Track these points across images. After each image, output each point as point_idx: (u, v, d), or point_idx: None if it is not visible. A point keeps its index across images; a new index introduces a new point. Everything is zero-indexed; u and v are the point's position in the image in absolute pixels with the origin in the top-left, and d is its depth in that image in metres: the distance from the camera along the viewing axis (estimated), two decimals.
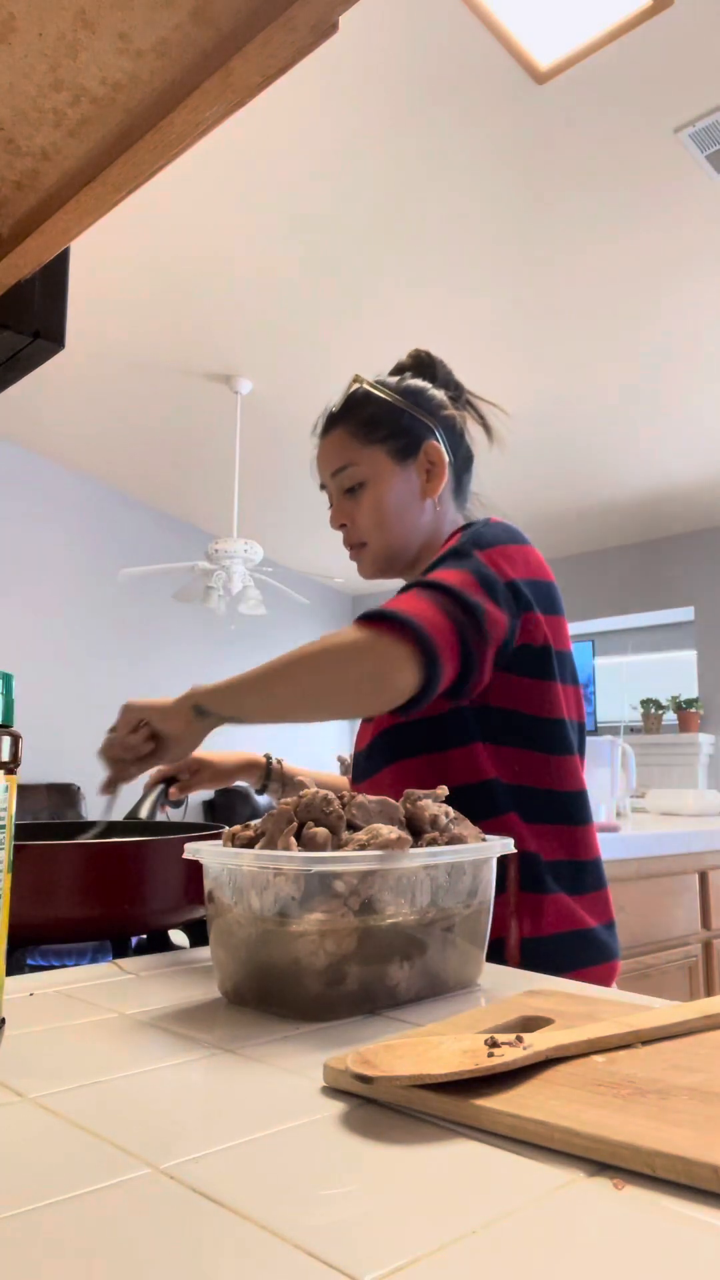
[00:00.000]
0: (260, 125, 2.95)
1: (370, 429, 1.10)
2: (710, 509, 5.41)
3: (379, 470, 1.09)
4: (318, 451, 1.15)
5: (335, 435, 1.12)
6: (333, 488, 1.13)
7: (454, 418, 1.14)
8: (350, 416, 1.11)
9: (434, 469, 1.11)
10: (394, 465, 1.10)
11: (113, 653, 5.95)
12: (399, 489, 1.10)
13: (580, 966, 0.97)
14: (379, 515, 1.09)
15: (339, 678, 0.89)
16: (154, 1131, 0.42)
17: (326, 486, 1.15)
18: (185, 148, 0.58)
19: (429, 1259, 0.30)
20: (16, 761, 0.51)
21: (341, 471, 1.11)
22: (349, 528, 1.13)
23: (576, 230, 3.31)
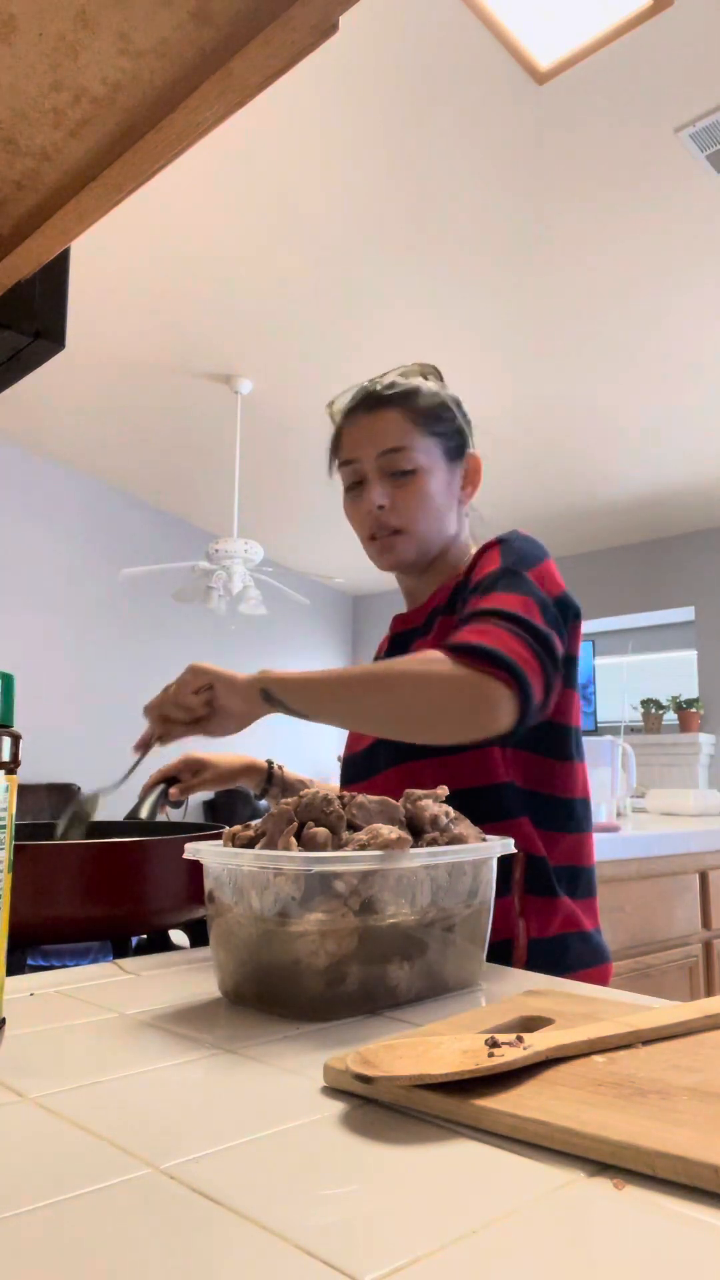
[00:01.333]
0: (260, 125, 2.95)
1: (430, 420, 1.08)
2: (710, 509, 5.41)
3: (432, 461, 1.08)
4: (354, 428, 1.10)
5: (389, 416, 1.08)
6: (373, 466, 1.08)
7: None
8: (408, 402, 1.08)
9: (471, 477, 1.12)
10: (445, 461, 1.09)
11: (113, 653, 5.95)
12: (446, 486, 1.09)
13: (583, 967, 0.99)
14: (426, 506, 1.08)
15: (439, 706, 0.89)
16: (154, 1131, 0.42)
17: (355, 463, 1.10)
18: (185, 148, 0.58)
19: (429, 1259, 0.30)
20: (16, 761, 0.51)
21: (395, 452, 1.07)
22: (388, 511, 1.08)
23: (577, 230, 3.31)
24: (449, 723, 0.90)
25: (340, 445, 1.13)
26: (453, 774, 0.97)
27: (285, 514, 5.96)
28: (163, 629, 6.16)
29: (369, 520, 1.09)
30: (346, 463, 1.11)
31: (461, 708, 0.88)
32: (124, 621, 6.02)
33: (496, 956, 0.94)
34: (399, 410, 1.08)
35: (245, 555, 4.46)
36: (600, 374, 4.13)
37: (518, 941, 0.97)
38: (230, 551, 4.45)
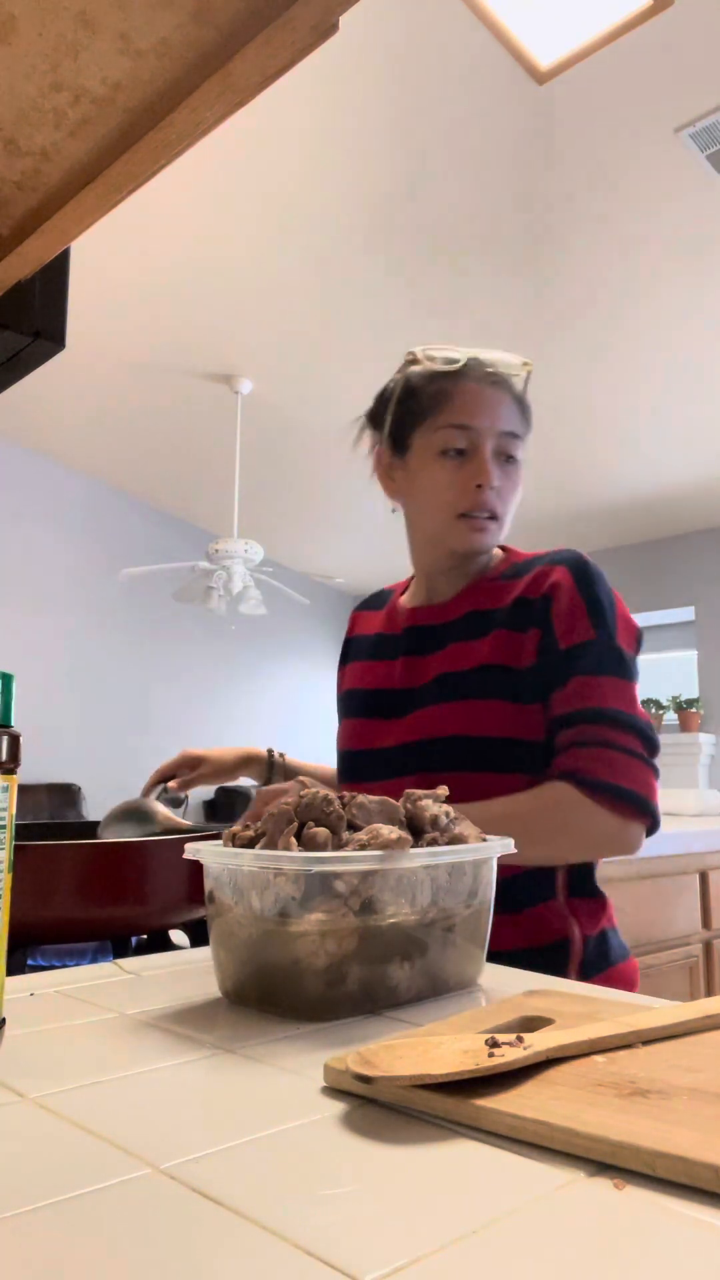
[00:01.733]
0: (260, 125, 2.94)
1: (526, 418, 1.08)
2: (710, 509, 5.41)
3: (524, 457, 1.09)
4: (475, 392, 1.05)
5: (506, 398, 1.06)
6: (490, 444, 1.04)
7: None
8: (515, 392, 1.07)
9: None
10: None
11: (113, 653, 5.95)
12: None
13: (623, 960, 1.03)
14: (516, 498, 1.08)
15: (588, 849, 0.98)
16: (154, 1131, 0.42)
17: (470, 430, 1.04)
18: (186, 148, 0.58)
19: (429, 1259, 0.30)
20: (16, 761, 0.51)
21: (512, 437, 1.06)
22: (497, 492, 1.05)
23: (577, 229, 3.31)
24: (592, 856, 1.00)
25: (451, 405, 1.04)
26: (503, 789, 0.97)
27: (285, 514, 5.96)
28: (163, 629, 6.16)
29: (469, 495, 1.04)
30: (460, 426, 1.04)
31: (607, 849, 0.97)
32: (124, 621, 6.02)
33: (550, 958, 0.96)
34: (512, 398, 1.07)
35: (245, 555, 4.46)
36: (600, 374, 4.13)
37: (574, 942, 0.99)
38: (230, 551, 4.45)
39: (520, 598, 1.04)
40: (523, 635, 1.01)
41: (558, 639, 0.99)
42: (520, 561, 1.10)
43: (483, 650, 1.03)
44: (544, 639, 1.00)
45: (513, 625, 1.02)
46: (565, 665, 0.98)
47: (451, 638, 1.07)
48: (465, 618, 1.07)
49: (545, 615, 1.01)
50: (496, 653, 1.01)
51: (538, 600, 1.02)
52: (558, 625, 1.00)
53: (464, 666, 1.03)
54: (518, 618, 1.02)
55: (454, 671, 1.03)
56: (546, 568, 1.04)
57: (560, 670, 0.98)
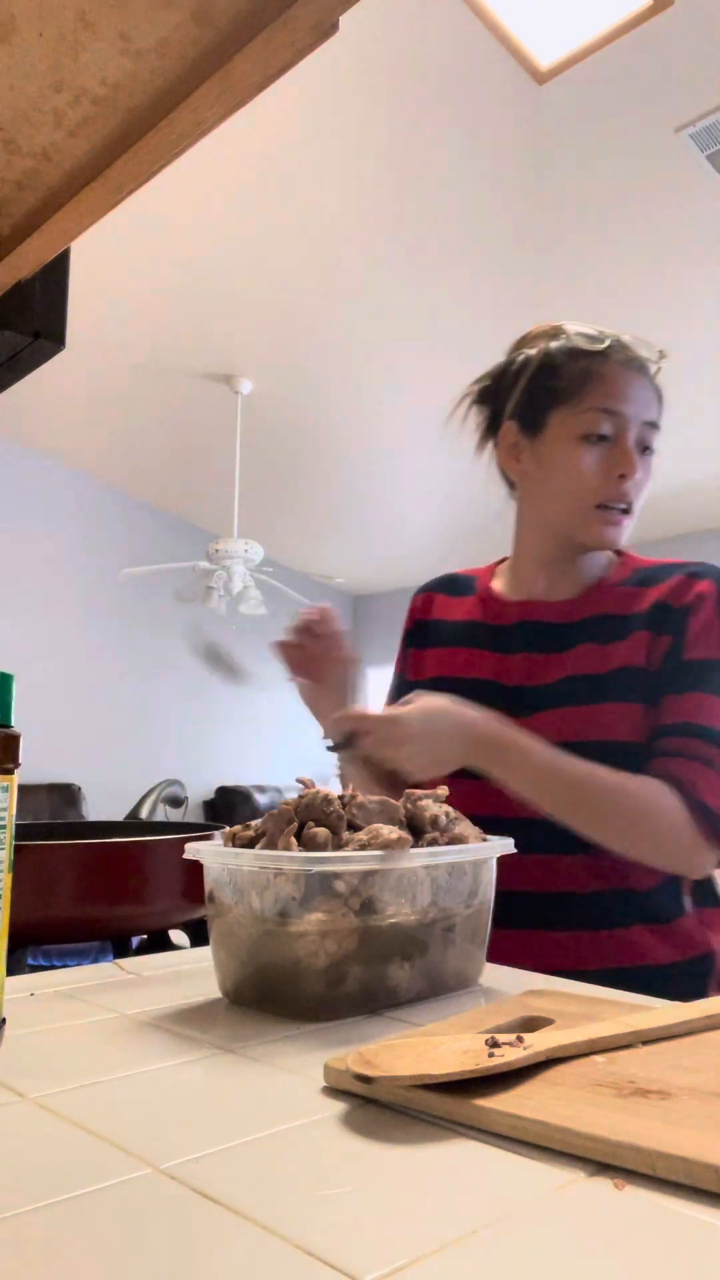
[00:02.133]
0: (261, 125, 2.94)
1: (661, 406, 1.02)
2: (710, 509, 5.41)
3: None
4: (626, 379, 0.99)
5: (651, 388, 1.01)
6: (633, 433, 0.99)
7: None
8: (656, 381, 1.02)
9: None
10: None
11: (113, 653, 5.95)
12: None
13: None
14: (646, 494, 1.03)
15: (657, 853, 0.92)
16: (154, 1131, 0.42)
17: (618, 416, 0.98)
18: (186, 148, 0.58)
19: (429, 1259, 0.30)
20: (16, 761, 0.51)
21: (653, 428, 1.01)
22: (635, 485, 1.00)
23: (577, 230, 3.31)
24: (660, 859, 0.92)
25: (598, 388, 0.98)
26: None
27: (285, 514, 5.96)
28: (163, 629, 6.16)
29: (610, 485, 0.99)
30: (607, 411, 0.98)
31: (680, 863, 0.92)
32: (124, 621, 6.02)
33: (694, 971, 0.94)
34: (652, 386, 1.01)
35: (245, 555, 4.46)
36: None
37: (717, 955, 0.96)
38: (230, 552, 4.45)
39: (660, 603, 1.00)
40: (661, 639, 0.98)
41: (685, 648, 0.97)
42: (647, 568, 1.06)
43: (620, 654, 1.00)
44: (673, 645, 0.97)
45: (652, 628, 1.00)
46: (685, 676, 0.96)
47: (580, 639, 1.03)
48: (596, 620, 1.03)
49: (682, 623, 0.98)
50: (634, 654, 0.99)
51: (679, 608, 0.99)
52: (690, 635, 0.97)
53: (599, 670, 0.99)
54: (656, 621, 1.00)
55: (588, 675, 1.00)
56: (689, 579, 1.01)
57: (679, 678, 0.96)
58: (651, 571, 1.05)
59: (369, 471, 5.35)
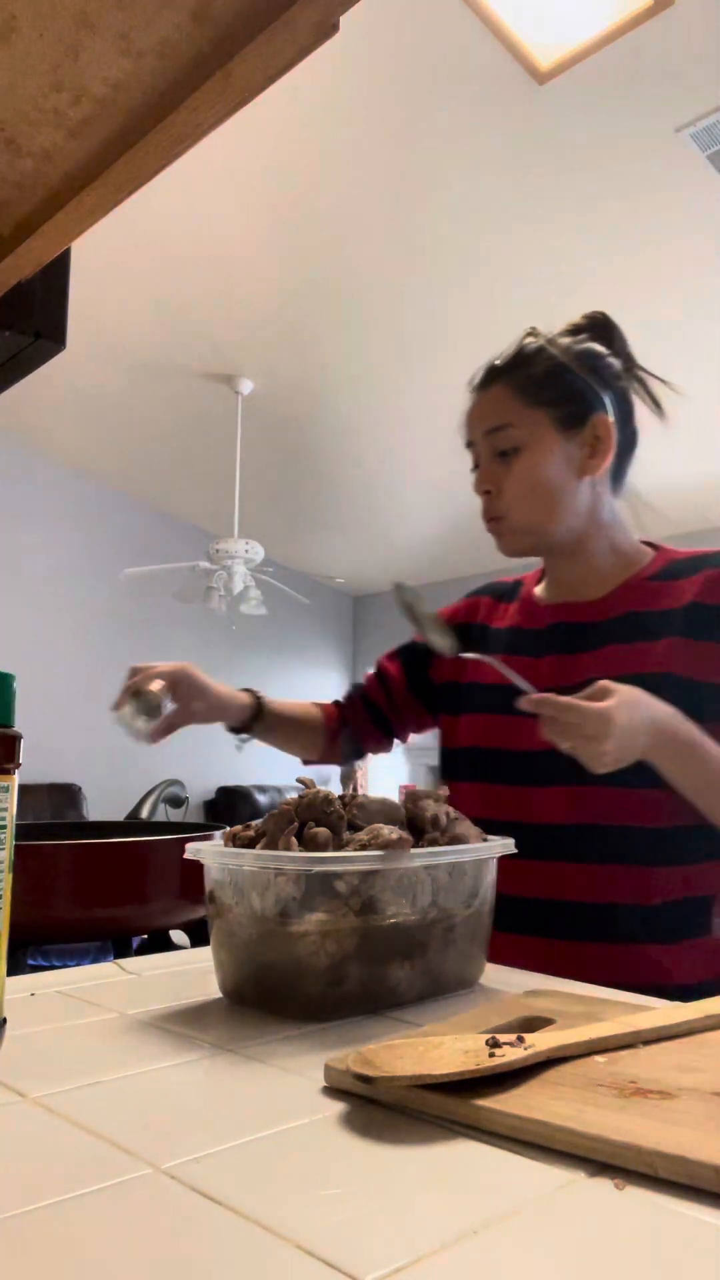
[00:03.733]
0: (261, 125, 2.95)
1: (537, 390, 0.99)
2: (710, 509, 5.41)
3: (538, 437, 0.99)
4: (471, 405, 1.04)
5: (496, 390, 1.01)
6: (484, 448, 1.02)
7: (627, 392, 1.05)
8: (516, 372, 1.01)
9: (600, 445, 1.01)
10: (555, 434, 0.99)
11: (114, 653, 5.95)
12: (556, 461, 0.99)
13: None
14: (529, 487, 0.99)
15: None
16: (155, 1131, 0.42)
17: (475, 445, 1.04)
18: (186, 148, 0.58)
19: (430, 1259, 0.30)
20: (17, 761, 0.51)
21: (496, 431, 1.00)
22: (493, 496, 1.01)
23: (578, 229, 3.31)
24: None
25: (464, 426, 1.05)
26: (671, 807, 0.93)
27: (286, 514, 5.96)
28: (163, 629, 6.16)
29: (482, 504, 1.03)
30: (469, 444, 1.05)
31: None
32: (125, 621, 6.02)
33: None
34: (507, 383, 1.01)
35: (246, 555, 4.46)
36: None
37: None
38: (231, 551, 4.45)
39: (697, 603, 0.97)
40: (709, 646, 0.95)
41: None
42: (678, 560, 1.03)
43: (653, 656, 0.96)
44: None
45: (692, 633, 0.96)
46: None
47: (607, 639, 1.00)
48: (624, 619, 1.01)
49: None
50: (675, 662, 0.95)
51: (717, 607, 0.96)
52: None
53: (629, 671, 0.95)
54: (698, 626, 0.96)
55: (616, 676, 0.95)
56: (718, 572, 0.98)
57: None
58: (681, 564, 1.02)
59: (369, 471, 5.35)
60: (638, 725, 0.83)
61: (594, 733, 0.80)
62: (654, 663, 0.96)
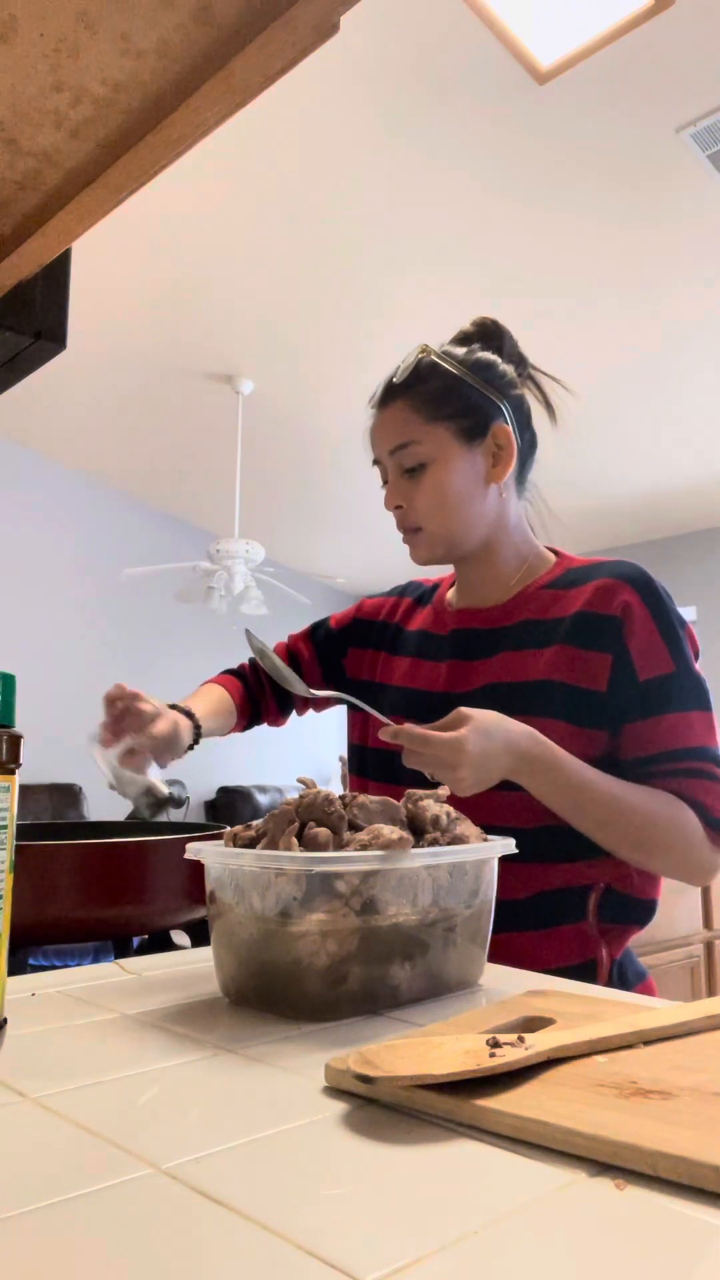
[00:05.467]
0: (262, 125, 2.95)
1: (436, 405, 1.02)
2: (711, 508, 5.41)
3: (443, 451, 1.02)
4: (374, 424, 1.07)
5: (396, 408, 1.03)
6: (390, 465, 1.05)
7: (522, 397, 1.08)
8: (414, 389, 1.03)
9: (501, 453, 1.04)
10: (459, 446, 1.02)
11: (114, 653, 5.95)
12: (463, 472, 1.02)
13: (640, 981, 1.02)
14: (440, 499, 1.02)
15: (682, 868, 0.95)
16: (155, 1131, 0.42)
17: (381, 463, 1.07)
18: (186, 148, 0.58)
19: (431, 1259, 0.30)
20: (18, 761, 0.51)
21: (401, 449, 1.03)
22: (405, 510, 1.04)
23: (577, 230, 3.31)
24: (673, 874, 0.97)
25: (370, 446, 1.09)
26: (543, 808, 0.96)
27: (286, 514, 5.96)
28: (164, 629, 6.17)
29: (395, 518, 1.07)
30: (376, 462, 1.08)
31: (697, 877, 0.96)
32: (125, 622, 6.03)
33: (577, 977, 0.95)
34: (404, 401, 1.03)
35: (246, 555, 4.47)
36: (599, 374, 4.13)
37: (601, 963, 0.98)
38: (231, 551, 4.45)
39: (583, 612, 0.99)
40: (592, 655, 0.97)
41: (636, 670, 0.95)
42: (576, 568, 1.05)
43: (540, 664, 0.98)
44: (618, 667, 0.96)
45: (578, 642, 0.98)
46: (646, 700, 0.95)
47: (503, 645, 1.03)
48: (520, 626, 1.03)
49: (619, 641, 0.96)
50: (559, 669, 0.97)
51: (606, 620, 0.97)
52: (635, 656, 0.95)
53: (519, 678, 0.99)
54: (583, 635, 0.98)
55: (506, 682, 0.99)
56: (611, 583, 0.99)
57: (640, 704, 0.95)
58: (577, 572, 1.04)
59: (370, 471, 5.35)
60: (493, 750, 0.85)
61: (450, 762, 0.82)
62: (540, 670, 0.98)
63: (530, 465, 1.11)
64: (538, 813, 0.94)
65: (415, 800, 0.71)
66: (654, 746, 0.95)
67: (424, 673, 1.08)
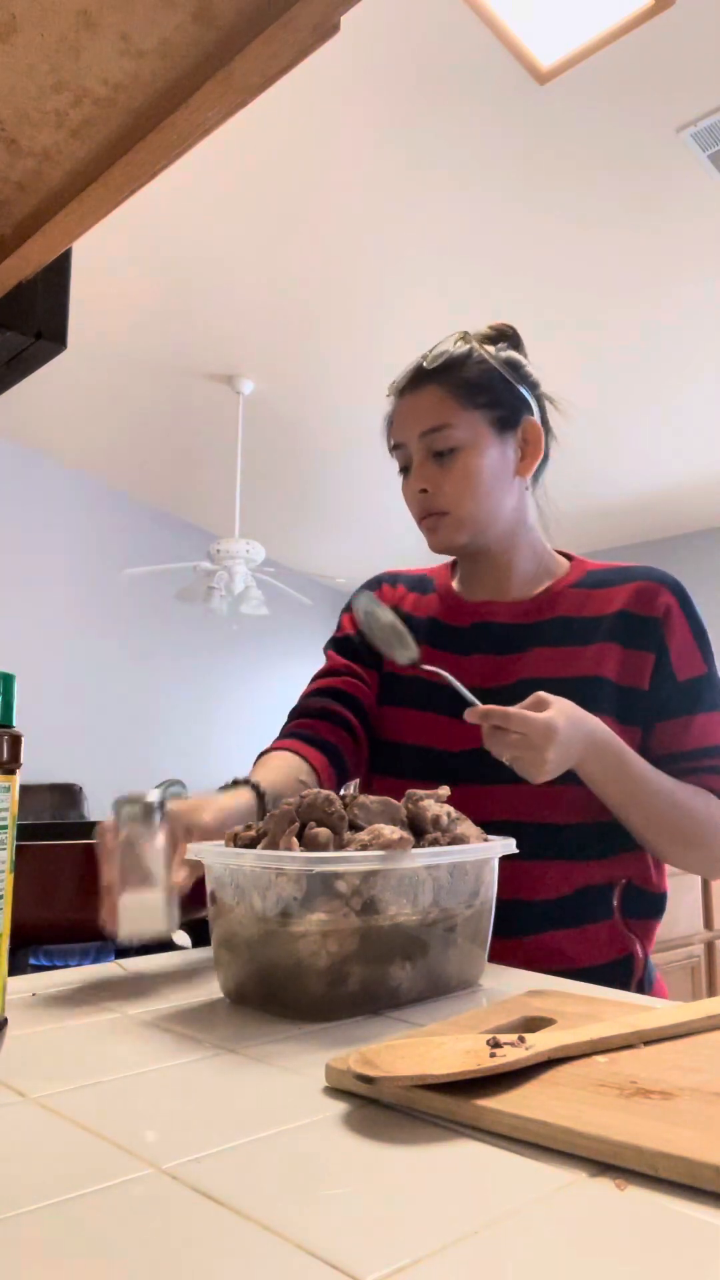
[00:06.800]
0: (261, 125, 2.95)
1: (473, 392, 1.02)
2: (711, 509, 5.40)
3: (477, 437, 1.02)
4: (400, 407, 1.06)
5: (429, 392, 1.03)
6: (419, 449, 1.04)
7: (545, 399, 1.10)
8: (449, 375, 1.03)
9: (530, 447, 1.05)
10: (493, 435, 1.03)
11: (114, 653, 5.95)
12: (495, 460, 1.03)
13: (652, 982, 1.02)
14: (471, 484, 1.02)
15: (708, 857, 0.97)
16: (156, 1131, 0.42)
17: (404, 447, 1.06)
18: (187, 148, 0.58)
19: (431, 1259, 0.30)
20: (18, 761, 0.51)
21: (435, 432, 1.02)
22: (431, 494, 1.03)
23: (577, 230, 3.30)
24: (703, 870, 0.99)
25: (390, 428, 1.08)
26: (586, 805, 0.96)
27: (287, 514, 5.96)
28: (164, 629, 6.17)
29: (417, 503, 1.05)
30: (396, 446, 1.07)
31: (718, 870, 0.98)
32: (125, 621, 6.02)
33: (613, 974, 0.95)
34: (441, 385, 1.03)
35: (247, 555, 4.46)
36: (600, 374, 4.13)
37: (637, 959, 0.98)
38: (232, 552, 4.45)
39: (626, 612, 1.00)
40: (638, 654, 0.99)
41: (674, 670, 0.98)
42: (597, 571, 1.07)
43: (585, 660, 0.99)
44: (660, 665, 0.98)
45: (624, 640, 0.99)
46: (683, 699, 0.98)
47: (536, 641, 1.03)
48: (552, 623, 1.04)
49: (661, 641, 0.99)
50: (604, 666, 0.99)
51: (650, 620, 0.99)
52: (674, 656, 0.98)
53: (559, 675, 0.99)
54: (628, 633, 0.99)
55: (546, 679, 0.98)
56: (652, 586, 1.02)
57: (677, 703, 0.98)
58: (603, 575, 1.06)
59: (371, 471, 5.35)
60: (575, 736, 0.86)
61: (539, 743, 0.82)
62: (584, 667, 0.99)
63: (544, 470, 1.13)
64: (578, 808, 0.95)
65: (416, 800, 0.71)
66: (688, 744, 0.97)
67: (447, 665, 1.03)
